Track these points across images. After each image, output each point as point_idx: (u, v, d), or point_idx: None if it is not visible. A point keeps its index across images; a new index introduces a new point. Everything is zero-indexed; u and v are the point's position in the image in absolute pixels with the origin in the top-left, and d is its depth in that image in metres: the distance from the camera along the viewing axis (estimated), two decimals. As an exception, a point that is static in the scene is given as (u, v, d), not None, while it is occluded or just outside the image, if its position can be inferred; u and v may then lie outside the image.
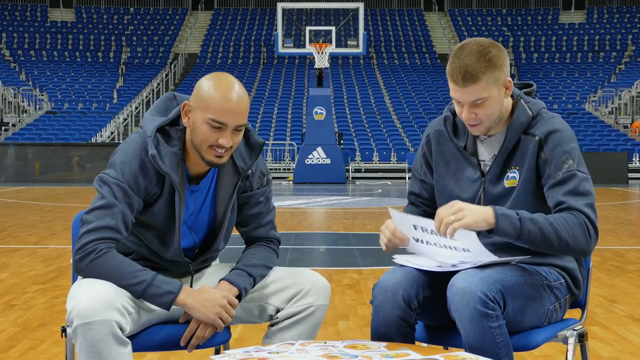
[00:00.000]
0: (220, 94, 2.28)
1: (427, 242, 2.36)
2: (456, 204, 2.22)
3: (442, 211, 2.22)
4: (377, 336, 2.32)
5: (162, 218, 2.38)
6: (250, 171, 2.47)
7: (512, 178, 2.38)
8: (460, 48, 2.34)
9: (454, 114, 2.51)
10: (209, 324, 2.31)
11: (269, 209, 2.55)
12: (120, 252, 2.34)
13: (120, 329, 2.16)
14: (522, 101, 2.41)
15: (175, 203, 2.35)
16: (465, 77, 2.29)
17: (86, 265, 2.24)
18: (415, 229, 2.37)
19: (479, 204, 2.40)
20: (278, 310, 2.45)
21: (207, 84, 2.31)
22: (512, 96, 2.43)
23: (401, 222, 2.40)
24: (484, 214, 2.19)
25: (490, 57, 2.30)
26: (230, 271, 2.44)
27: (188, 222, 2.45)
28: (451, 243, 2.30)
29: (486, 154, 2.45)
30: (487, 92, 2.31)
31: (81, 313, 2.12)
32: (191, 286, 2.49)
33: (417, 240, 2.39)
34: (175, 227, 2.38)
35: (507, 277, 2.23)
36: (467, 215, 2.18)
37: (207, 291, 2.31)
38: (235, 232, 2.59)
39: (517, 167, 2.38)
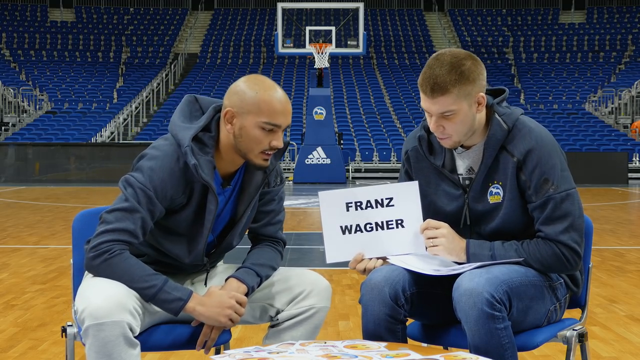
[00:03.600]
0: (271, 97, 2.28)
1: (357, 228, 2.34)
2: (442, 230, 2.32)
3: (430, 225, 2.34)
4: (367, 334, 2.31)
5: (188, 224, 2.36)
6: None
7: (496, 194, 2.36)
8: (433, 58, 2.30)
9: (428, 131, 2.45)
10: (219, 327, 2.32)
11: (280, 208, 2.56)
12: (132, 253, 2.31)
13: (131, 330, 2.16)
14: (496, 115, 2.35)
15: (208, 210, 2.33)
16: (434, 88, 2.25)
17: (99, 264, 2.23)
18: (348, 209, 2.35)
19: (464, 221, 2.40)
20: (279, 312, 2.45)
21: (252, 88, 2.28)
22: (486, 105, 2.36)
23: (329, 205, 2.35)
24: (458, 251, 2.32)
25: (462, 70, 2.25)
26: (238, 269, 2.43)
27: None
28: (386, 216, 2.33)
29: (463, 167, 2.41)
30: (455, 105, 2.26)
31: (93, 313, 2.12)
32: (205, 283, 2.50)
33: (345, 229, 2.35)
34: (202, 233, 2.36)
35: (513, 278, 2.23)
36: (443, 246, 2.31)
37: (214, 295, 2.30)
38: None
39: (499, 183, 2.35)
